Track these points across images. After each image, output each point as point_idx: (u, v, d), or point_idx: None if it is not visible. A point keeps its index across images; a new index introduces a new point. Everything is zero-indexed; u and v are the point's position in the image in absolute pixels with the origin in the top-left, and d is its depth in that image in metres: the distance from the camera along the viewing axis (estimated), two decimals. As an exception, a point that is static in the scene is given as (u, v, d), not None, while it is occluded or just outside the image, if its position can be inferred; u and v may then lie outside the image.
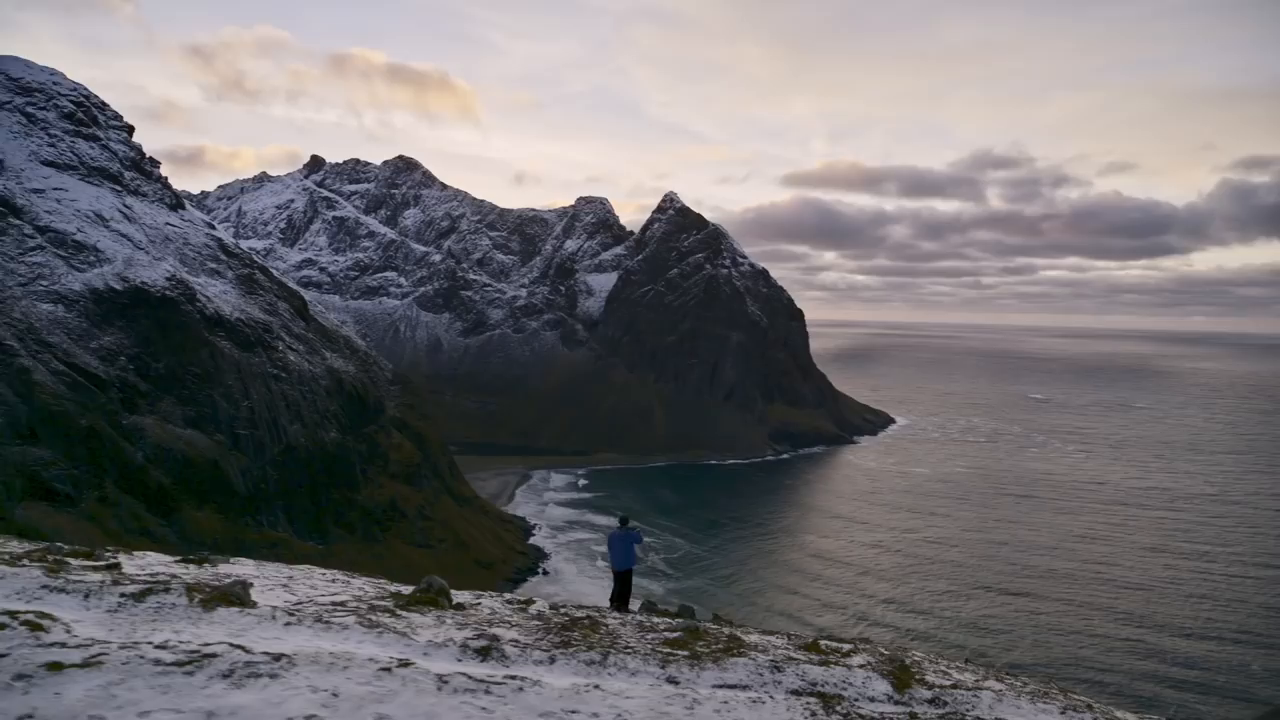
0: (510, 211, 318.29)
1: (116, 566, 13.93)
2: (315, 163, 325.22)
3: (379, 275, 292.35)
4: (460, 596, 15.78)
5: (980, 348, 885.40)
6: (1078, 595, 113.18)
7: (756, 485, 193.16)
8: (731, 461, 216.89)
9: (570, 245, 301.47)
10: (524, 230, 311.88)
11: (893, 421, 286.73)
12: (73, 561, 14.06)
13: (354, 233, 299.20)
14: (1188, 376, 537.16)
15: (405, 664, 9.72)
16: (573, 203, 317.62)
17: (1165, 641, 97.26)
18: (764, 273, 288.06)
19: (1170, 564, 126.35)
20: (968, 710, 11.34)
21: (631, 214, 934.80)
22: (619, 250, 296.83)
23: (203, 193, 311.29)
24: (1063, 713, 12.22)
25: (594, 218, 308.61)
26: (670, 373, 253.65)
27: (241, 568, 16.42)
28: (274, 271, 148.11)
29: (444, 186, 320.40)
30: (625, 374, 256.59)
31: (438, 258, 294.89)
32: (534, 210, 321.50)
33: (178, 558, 16.71)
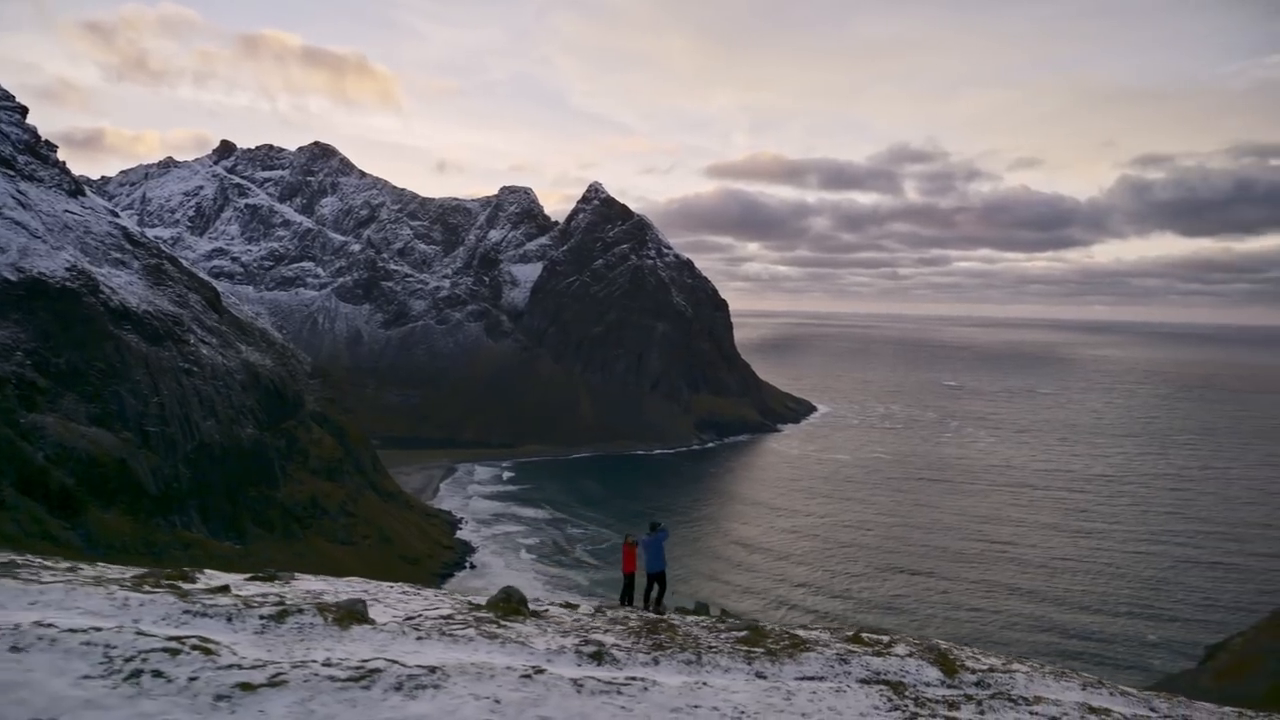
0: (432, 201, 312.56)
1: (226, 589, 14.37)
2: (225, 148, 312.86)
3: (295, 265, 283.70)
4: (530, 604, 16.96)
5: (897, 337, 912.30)
6: (985, 574, 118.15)
7: (682, 474, 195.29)
8: (658, 451, 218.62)
9: (494, 235, 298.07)
10: (446, 220, 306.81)
11: (814, 409, 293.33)
12: (185, 585, 14.61)
13: (268, 221, 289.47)
14: (1089, 363, 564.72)
15: (539, 671, 10.70)
16: (496, 192, 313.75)
17: (1066, 616, 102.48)
18: (689, 263, 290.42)
19: (1071, 542, 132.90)
20: (1009, 689, 13.11)
21: (556, 204, 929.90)
22: (544, 240, 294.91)
23: (103, 178, 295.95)
24: (1083, 689, 14.30)
25: (518, 208, 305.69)
26: (596, 363, 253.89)
27: (308, 583, 17.15)
28: (183, 261, 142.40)
29: (363, 174, 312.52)
30: (551, 365, 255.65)
31: (357, 247, 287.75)
32: (457, 200, 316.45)
33: (247, 575, 17.06)
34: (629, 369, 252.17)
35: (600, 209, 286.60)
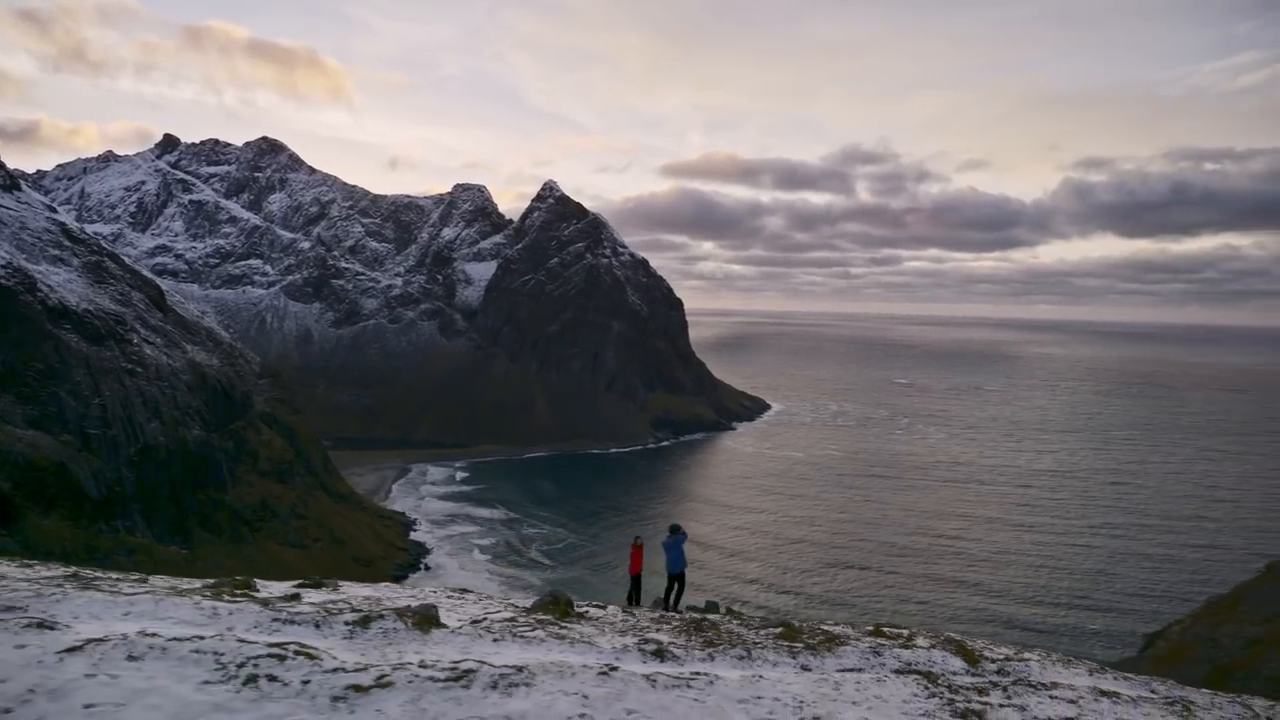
0: (384, 198, 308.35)
1: (297, 597, 14.95)
2: (169, 142, 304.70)
3: (242, 263, 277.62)
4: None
5: (849, 335, 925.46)
6: (932, 568, 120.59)
7: (637, 473, 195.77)
8: (614, 450, 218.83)
9: (448, 233, 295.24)
10: (399, 217, 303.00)
11: (769, 407, 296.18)
12: (262, 593, 15.22)
13: (214, 218, 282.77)
14: (1034, 361, 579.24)
15: (613, 668, 11.34)
16: (450, 190, 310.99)
17: (1010, 608, 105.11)
18: (644, 262, 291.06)
19: (1015, 536, 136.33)
20: (1027, 676, 14.31)
21: (510, 202, 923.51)
22: (498, 239, 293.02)
23: (39, 172, 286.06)
24: (1090, 674, 15.56)
25: (472, 205, 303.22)
26: (552, 362, 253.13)
27: (355, 589, 17.75)
28: (125, 259, 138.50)
29: (312, 170, 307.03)
30: (506, 364, 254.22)
31: (306, 245, 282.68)
32: (409, 197, 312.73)
33: (295, 582, 17.73)
34: (585, 368, 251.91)
35: (555, 207, 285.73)
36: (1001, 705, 12.08)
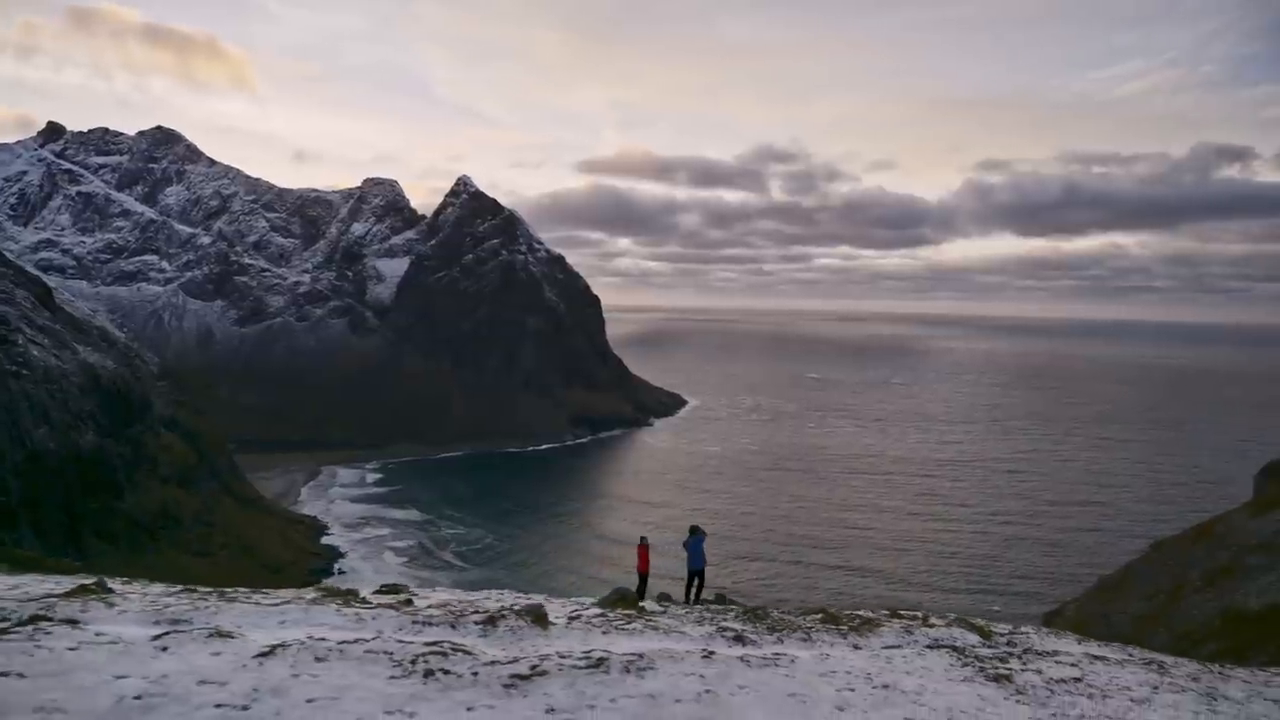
0: (290, 191, 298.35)
1: (410, 602, 16.60)
2: (53, 130, 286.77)
3: (137, 259, 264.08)
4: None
5: (763, 331, 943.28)
6: (841, 558, 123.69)
7: (553, 471, 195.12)
8: (531, 448, 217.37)
9: (357, 229, 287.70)
10: (305, 212, 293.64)
11: (685, 403, 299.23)
12: (374, 600, 16.56)
13: (104, 211, 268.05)
14: (938, 355, 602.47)
15: (711, 653, 12.98)
16: (359, 184, 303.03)
17: (916, 595, 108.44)
18: (560, 259, 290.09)
19: (921, 524, 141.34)
20: (1032, 646, 16.54)
21: (423, 197, 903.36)
22: (410, 235, 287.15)
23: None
24: (1079, 643, 17.97)
25: (383, 200, 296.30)
26: (467, 360, 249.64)
27: (438, 594, 19.09)
28: (6, 254, 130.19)
29: (212, 162, 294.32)
30: (419, 362, 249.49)
31: (207, 240, 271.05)
32: (316, 191, 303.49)
33: (375, 588, 19.20)
34: (501, 366, 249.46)
35: (469, 203, 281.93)
36: (1022, 670, 14.13)
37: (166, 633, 11.61)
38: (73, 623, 12.00)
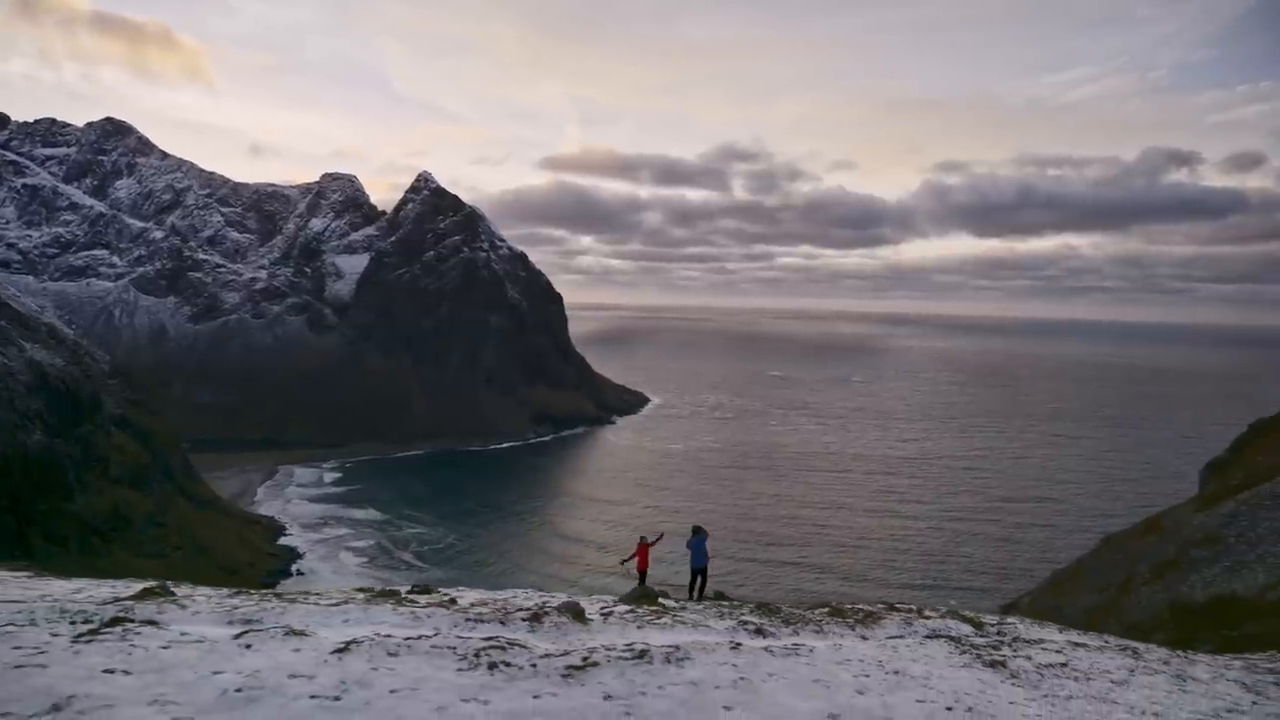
0: (246, 186, 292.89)
1: (454, 601, 17.55)
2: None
3: (86, 254, 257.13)
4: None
5: (725, 329, 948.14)
6: (799, 555, 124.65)
7: (515, 469, 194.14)
8: (493, 447, 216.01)
9: (316, 224, 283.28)
10: (262, 207, 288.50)
11: (648, 401, 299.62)
12: (420, 599, 17.60)
13: (51, 204, 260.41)
14: (897, 353, 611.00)
15: (738, 644, 14.21)
16: (318, 179, 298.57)
17: (875, 591, 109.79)
18: (522, 256, 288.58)
19: (880, 521, 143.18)
20: (1020, 634, 17.81)
21: (383, 193, 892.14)
22: (370, 231, 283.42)
23: None
24: (1060, 631, 19.31)
25: (342, 195, 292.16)
26: (428, 358, 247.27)
27: (469, 594, 19.93)
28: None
29: (164, 155, 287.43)
30: (380, 360, 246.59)
31: (159, 235, 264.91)
32: (273, 186, 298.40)
33: (407, 589, 19.90)
34: (463, 363, 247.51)
35: (430, 199, 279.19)
36: (1014, 656, 15.37)
37: (245, 631, 12.45)
38: (153, 624, 12.74)
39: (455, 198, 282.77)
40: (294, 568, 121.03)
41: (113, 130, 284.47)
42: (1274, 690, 14.94)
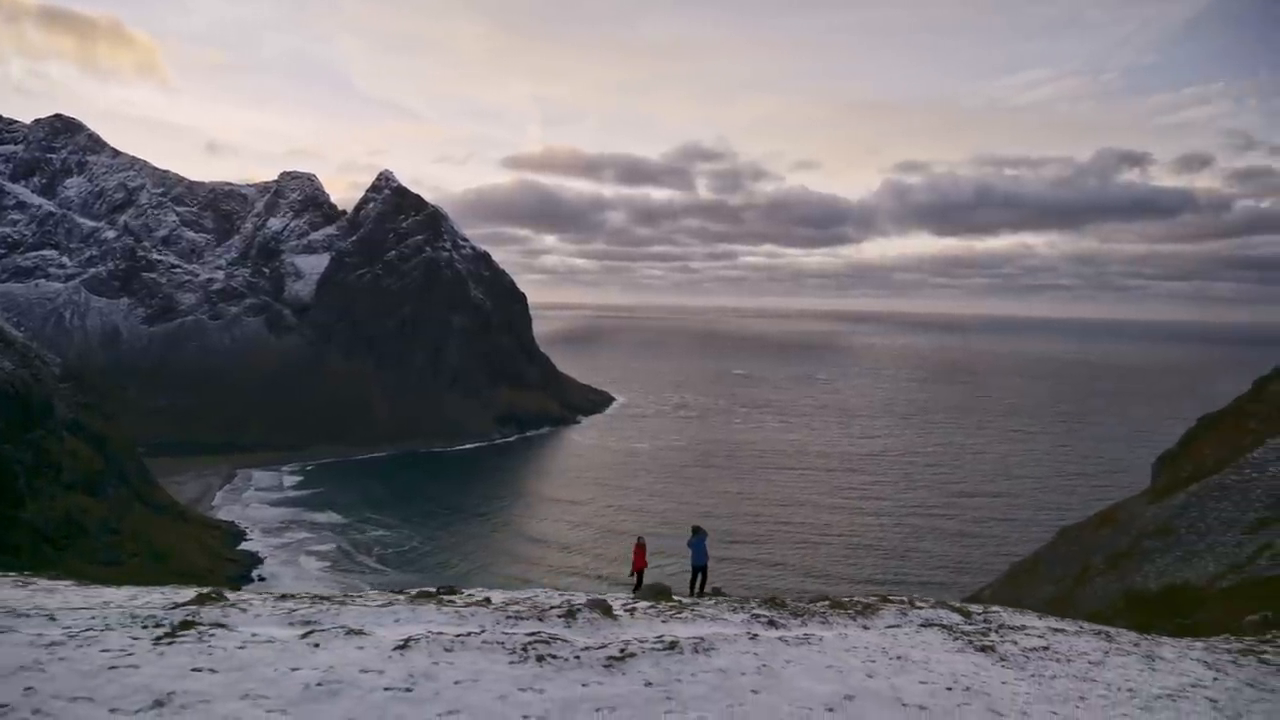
0: (202, 185, 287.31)
1: (488, 600, 18.32)
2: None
3: (34, 254, 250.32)
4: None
5: (689, 328, 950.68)
6: (760, 553, 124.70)
7: (479, 471, 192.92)
8: (457, 448, 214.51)
9: (274, 224, 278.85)
10: (219, 206, 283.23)
11: (613, 400, 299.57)
12: (456, 599, 18.33)
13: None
14: (859, 351, 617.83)
15: (755, 635, 15.27)
16: (276, 178, 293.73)
17: (835, 587, 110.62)
18: (486, 256, 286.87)
19: (844, 518, 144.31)
20: (1004, 622, 19.08)
21: (343, 192, 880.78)
22: (330, 230, 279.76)
23: None
24: (1040, 618, 20.64)
25: (301, 194, 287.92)
26: (390, 359, 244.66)
27: (493, 594, 20.43)
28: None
29: (116, 153, 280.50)
30: (341, 362, 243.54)
31: (112, 235, 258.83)
32: (230, 184, 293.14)
33: (432, 588, 20.54)
34: (426, 364, 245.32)
35: (392, 198, 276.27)
36: (1001, 642, 16.55)
37: (310, 632, 13.25)
38: (222, 626, 13.48)
39: (417, 197, 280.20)
40: (255, 573, 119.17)
41: (62, 127, 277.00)
42: (1232, 668, 16.25)
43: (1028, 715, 12.59)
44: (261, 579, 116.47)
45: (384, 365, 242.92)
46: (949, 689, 13.16)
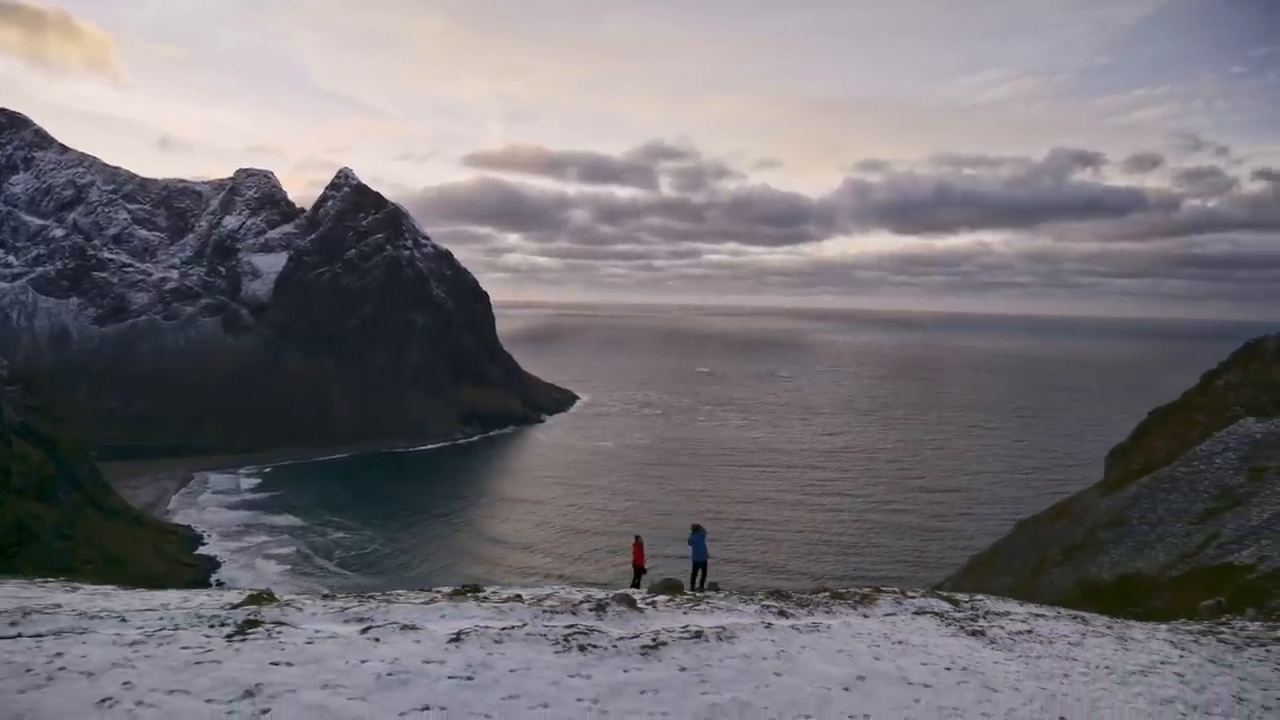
0: (155, 182, 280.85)
1: (520, 597, 18.86)
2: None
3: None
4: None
5: (653, 326, 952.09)
6: (723, 550, 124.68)
7: (442, 471, 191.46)
8: (420, 448, 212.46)
9: (230, 222, 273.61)
10: (172, 204, 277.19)
11: (577, 399, 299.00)
12: (495, 596, 18.97)
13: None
14: (821, 348, 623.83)
15: (769, 624, 16.42)
16: (232, 175, 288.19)
17: (796, 583, 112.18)
18: (448, 254, 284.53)
19: (804, 514, 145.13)
20: (989, 609, 20.64)
21: (301, 189, 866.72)
22: (288, 229, 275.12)
23: None
24: (1021, 605, 22.54)
25: (257, 192, 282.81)
26: (351, 359, 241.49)
27: (521, 591, 20.82)
28: None
29: (65, 149, 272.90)
30: (300, 362, 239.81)
31: (60, 233, 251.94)
32: (184, 181, 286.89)
33: (450, 589, 21.15)
34: (388, 364, 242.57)
35: (351, 196, 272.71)
36: (989, 627, 17.96)
37: (368, 628, 14.01)
38: (285, 624, 14.21)
39: (378, 195, 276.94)
40: (213, 578, 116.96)
41: (7, 122, 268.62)
42: (1194, 646, 18.19)
43: (1019, 690, 13.79)
44: (220, 584, 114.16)
45: (344, 365, 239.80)
46: (948, 669, 14.45)
